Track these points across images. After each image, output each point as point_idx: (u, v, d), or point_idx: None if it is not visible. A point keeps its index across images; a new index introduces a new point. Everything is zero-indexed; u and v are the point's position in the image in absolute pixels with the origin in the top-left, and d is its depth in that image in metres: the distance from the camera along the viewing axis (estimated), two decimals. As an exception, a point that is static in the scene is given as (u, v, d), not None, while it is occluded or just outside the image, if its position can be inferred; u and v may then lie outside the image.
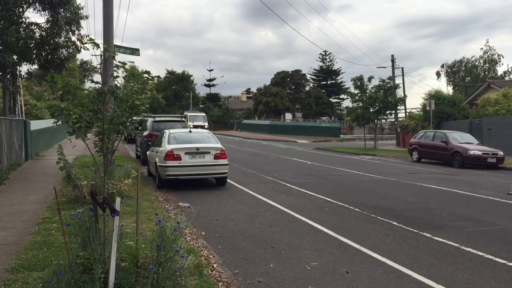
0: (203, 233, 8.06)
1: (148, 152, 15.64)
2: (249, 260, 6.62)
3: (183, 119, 21.74)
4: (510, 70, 61.90)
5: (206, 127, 40.27)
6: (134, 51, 14.92)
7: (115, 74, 4.88)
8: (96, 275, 4.23)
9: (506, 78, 56.74)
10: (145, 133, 19.48)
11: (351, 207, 10.53)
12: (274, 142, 42.98)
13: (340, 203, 11.00)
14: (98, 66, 50.96)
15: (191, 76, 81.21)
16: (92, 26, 48.13)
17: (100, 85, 4.80)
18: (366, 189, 13.39)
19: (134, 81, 4.81)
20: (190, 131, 14.67)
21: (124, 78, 5.00)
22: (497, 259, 6.65)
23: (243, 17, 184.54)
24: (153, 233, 5.36)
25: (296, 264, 6.42)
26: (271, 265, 6.34)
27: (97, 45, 4.97)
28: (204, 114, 51.18)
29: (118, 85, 4.87)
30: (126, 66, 4.83)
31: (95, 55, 49.34)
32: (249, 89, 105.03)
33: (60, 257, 5.69)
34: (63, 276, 4.27)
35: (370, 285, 5.59)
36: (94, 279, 4.23)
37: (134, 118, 5.04)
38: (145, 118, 21.55)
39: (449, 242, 7.54)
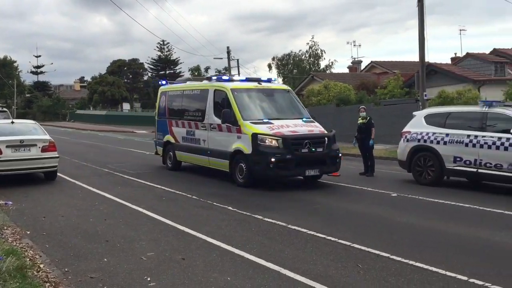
0: (28, 232, 7.39)
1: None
2: (80, 256, 6.28)
3: (5, 109, 19.54)
4: (330, 64, 68.50)
5: (315, 130, 12.25)
6: None
7: None
8: None
9: (327, 71, 62.75)
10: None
11: (188, 195, 10.66)
12: (111, 133, 41.15)
13: (178, 192, 11.06)
14: None
15: (15, 62, 73.55)
16: None
17: None
18: (202, 177, 13.62)
19: None
20: (12, 122, 13.41)
21: None
22: (318, 235, 7.35)
23: (74, 1, 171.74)
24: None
25: (131, 256, 6.29)
26: (105, 260, 6.12)
27: None
28: (288, 88, 14.26)
29: None
30: None
31: None
32: (83, 77, 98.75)
33: None
34: None
35: (205, 269, 5.76)
36: None
37: None
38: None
39: (278, 222, 8.12)
